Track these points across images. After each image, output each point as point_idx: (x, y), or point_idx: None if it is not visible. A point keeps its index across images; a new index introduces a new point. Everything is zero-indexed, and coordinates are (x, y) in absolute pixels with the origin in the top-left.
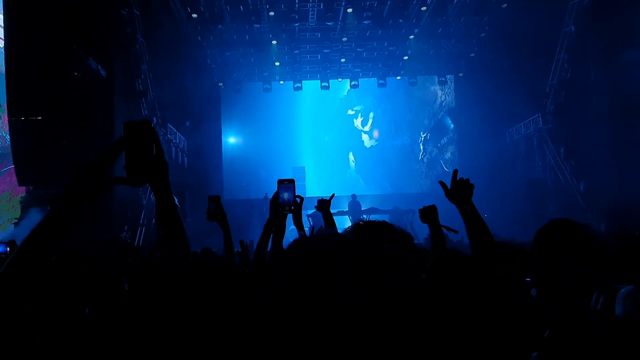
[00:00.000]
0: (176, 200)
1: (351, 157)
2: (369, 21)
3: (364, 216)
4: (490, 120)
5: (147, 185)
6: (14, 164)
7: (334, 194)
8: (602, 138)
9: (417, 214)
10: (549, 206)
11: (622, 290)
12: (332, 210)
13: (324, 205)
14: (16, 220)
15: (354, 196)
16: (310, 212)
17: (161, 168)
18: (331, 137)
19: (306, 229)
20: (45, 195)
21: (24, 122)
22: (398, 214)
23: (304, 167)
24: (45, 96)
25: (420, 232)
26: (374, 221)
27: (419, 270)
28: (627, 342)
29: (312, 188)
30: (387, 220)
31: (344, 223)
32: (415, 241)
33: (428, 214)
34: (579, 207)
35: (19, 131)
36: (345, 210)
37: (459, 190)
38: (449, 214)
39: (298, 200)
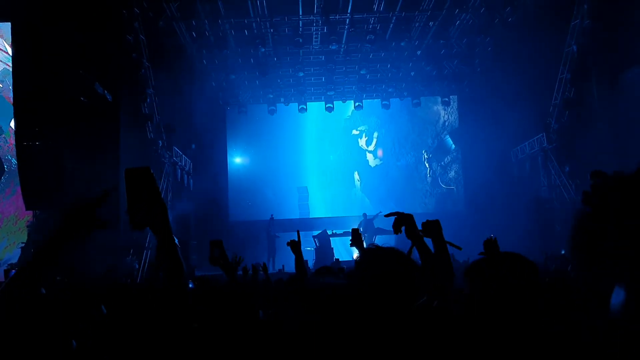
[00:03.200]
0: (176, 240)
1: (356, 176)
2: (372, 45)
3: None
4: (494, 140)
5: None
6: (21, 189)
7: (298, 230)
8: (607, 157)
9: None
10: (555, 225)
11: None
12: (339, 231)
13: (294, 246)
14: (23, 244)
15: (365, 215)
16: (315, 232)
17: (160, 215)
18: (336, 157)
19: (311, 249)
20: (51, 220)
21: (32, 147)
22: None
23: (306, 187)
24: (52, 122)
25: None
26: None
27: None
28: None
29: (318, 207)
30: (393, 241)
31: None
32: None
33: (431, 227)
34: None
35: (26, 157)
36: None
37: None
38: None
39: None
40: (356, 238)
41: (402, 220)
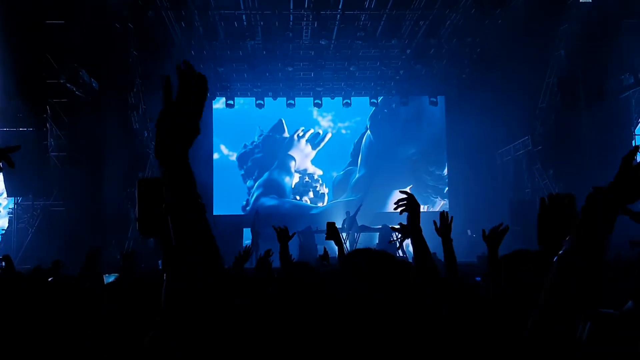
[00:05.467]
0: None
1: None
2: (362, 42)
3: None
4: (480, 142)
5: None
6: (2, 175)
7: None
8: (592, 161)
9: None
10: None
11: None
12: (323, 228)
13: (282, 234)
14: (3, 231)
15: (347, 213)
16: (299, 229)
17: (167, 226)
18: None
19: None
20: (32, 207)
21: (15, 132)
22: (387, 232)
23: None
24: (35, 107)
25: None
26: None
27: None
28: None
29: None
30: (377, 238)
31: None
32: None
33: (410, 227)
34: None
35: (9, 142)
36: (339, 227)
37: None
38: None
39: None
40: (332, 232)
41: (411, 206)
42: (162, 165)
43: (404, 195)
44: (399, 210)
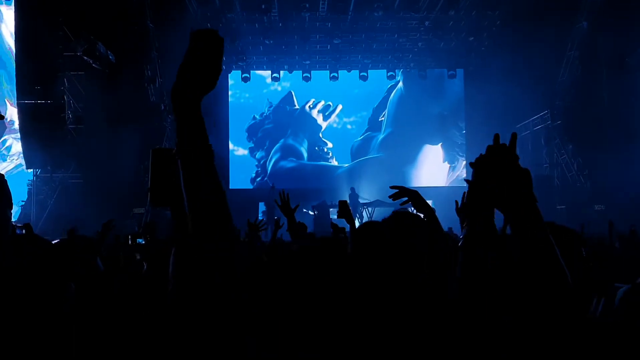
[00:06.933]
0: None
1: None
2: (380, 13)
3: (368, 209)
4: (498, 116)
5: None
6: (22, 148)
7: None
8: (612, 136)
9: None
10: (555, 203)
11: (620, 290)
12: (335, 202)
13: (286, 209)
14: (23, 203)
15: (352, 189)
16: (314, 203)
17: (179, 197)
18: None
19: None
20: (51, 179)
21: (33, 105)
22: (403, 208)
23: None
24: (53, 80)
25: None
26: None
27: None
28: (624, 344)
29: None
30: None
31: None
32: None
33: (408, 194)
34: (586, 204)
35: (27, 114)
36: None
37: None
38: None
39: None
40: (344, 210)
41: (406, 196)
42: (175, 108)
43: (397, 190)
44: (398, 201)
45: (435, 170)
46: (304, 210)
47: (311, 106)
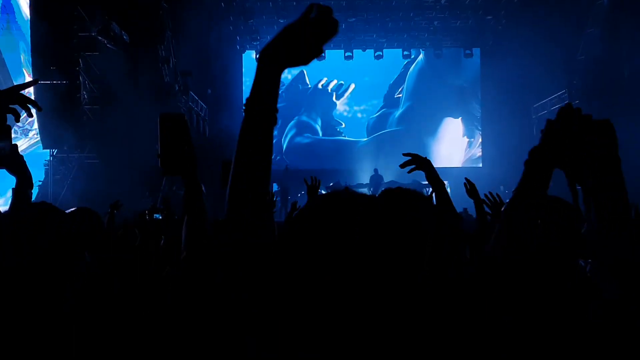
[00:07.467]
0: (203, 187)
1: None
2: None
3: None
4: (515, 95)
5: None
6: (38, 129)
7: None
8: (634, 116)
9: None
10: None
11: None
12: (352, 184)
13: (313, 193)
14: (40, 183)
15: (376, 170)
16: (331, 183)
17: (190, 164)
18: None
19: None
20: (67, 159)
21: (48, 85)
22: (418, 188)
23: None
24: (68, 60)
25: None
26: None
27: None
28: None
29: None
30: None
31: None
32: None
33: (420, 162)
34: None
35: (43, 95)
36: (365, 183)
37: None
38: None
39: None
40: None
41: (418, 163)
42: (260, 66)
43: (409, 158)
44: (408, 169)
45: (454, 146)
46: (322, 192)
47: (323, 84)
